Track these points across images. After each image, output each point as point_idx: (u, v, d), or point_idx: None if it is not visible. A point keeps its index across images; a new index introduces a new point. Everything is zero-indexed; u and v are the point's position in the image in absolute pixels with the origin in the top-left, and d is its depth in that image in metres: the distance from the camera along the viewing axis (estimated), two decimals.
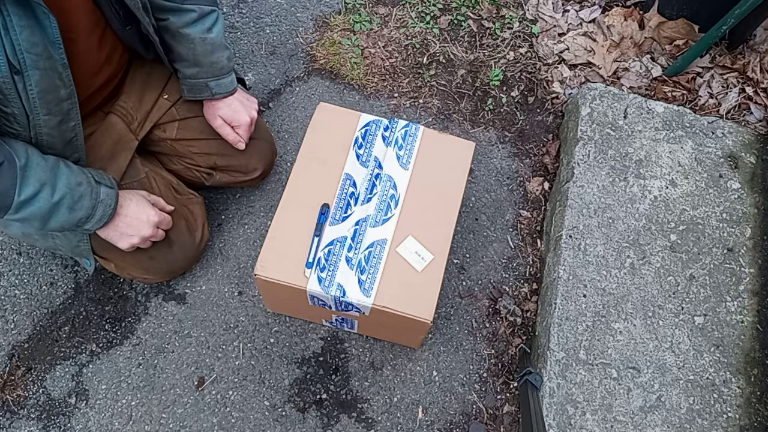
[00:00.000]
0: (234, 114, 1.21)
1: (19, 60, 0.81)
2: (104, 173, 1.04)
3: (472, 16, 1.72)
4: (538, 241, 1.44)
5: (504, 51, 1.67)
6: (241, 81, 1.28)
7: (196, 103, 1.23)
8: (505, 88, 1.62)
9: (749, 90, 1.58)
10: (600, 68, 1.63)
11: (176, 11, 1.08)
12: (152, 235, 1.10)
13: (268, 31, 1.66)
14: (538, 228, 1.46)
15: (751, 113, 1.56)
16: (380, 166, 1.18)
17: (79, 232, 1.07)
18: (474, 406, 1.26)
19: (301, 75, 1.60)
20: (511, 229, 1.45)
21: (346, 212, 1.13)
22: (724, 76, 1.60)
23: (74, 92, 0.94)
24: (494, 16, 1.72)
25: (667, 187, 1.37)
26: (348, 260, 1.09)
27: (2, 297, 1.29)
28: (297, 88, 1.58)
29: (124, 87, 1.17)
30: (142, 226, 1.07)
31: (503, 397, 1.27)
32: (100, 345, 1.26)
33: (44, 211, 0.93)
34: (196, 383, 1.24)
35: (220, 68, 1.16)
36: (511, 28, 1.71)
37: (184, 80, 1.17)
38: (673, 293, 1.26)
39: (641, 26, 1.66)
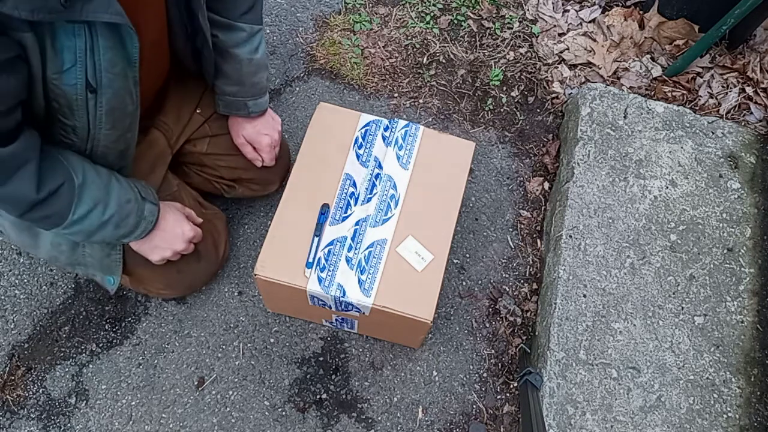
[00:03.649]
0: (256, 136, 1.20)
1: (97, 79, 0.80)
2: (147, 187, 1.02)
3: (472, 16, 1.72)
4: (538, 241, 1.44)
5: (504, 51, 1.67)
6: None
7: (228, 120, 1.22)
8: (505, 88, 1.62)
9: (749, 90, 1.58)
10: (600, 68, 1.63)
11: (228, 28, 1.06)
12: (185, 249, 1.08)
13: (268, 31, 1.66)
14: (538, 228, 1.46)
15: (751, 113, 1.56)
16: (380, 166, 1.18)
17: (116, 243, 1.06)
18: (474, 406, 1.26)
19: (301, 75, 1.60)
20: (511, 229, 1.45)
21: (346, 212, 1.13)
22: (724, 76, 1.60)
23: (138, 108, 0.93)
24: (494, 16, 1.72)
25: (667, 187, 1.37)
26: (348, 260, 1.09)
27: (2, 297, 1.29)
28: (297, 88, 1.58)
29: (165, 102, 1.16)
30: (176, 241, 1.06)
31: (503, 397, 1.27)
32: (100, 345, 1.26)
33: (93, 228, 0.92)
34: (196, 383, 1.24)
35: (260, 89, 1.16)
36: (511, 28, 1.71)
37: (221, 96, 1.16)
38: (673, 293, 1.26)
39: (641, 26, 1.66)
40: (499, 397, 1.27)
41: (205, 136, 1.21)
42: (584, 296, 1.25)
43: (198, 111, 1.20)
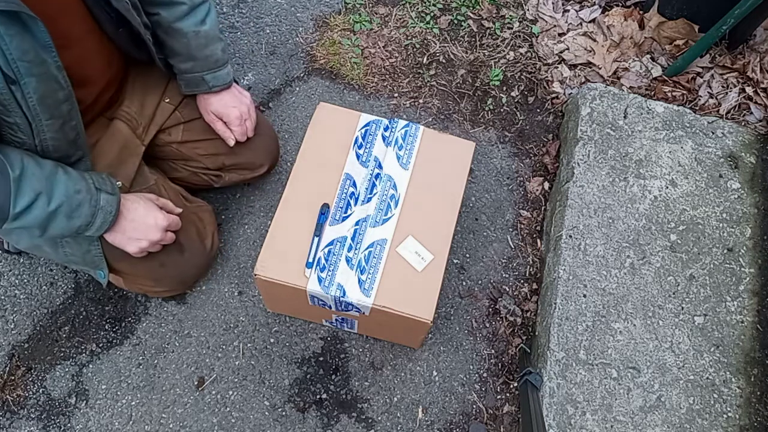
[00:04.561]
0: (224, 109, 1.20)
1: (13, 70, 0.80)
2: (108, 178, 1.01)
3: (472, 16, 1.72)
4: (538, 241, 1.44)
5: (504, 51, 1.67)
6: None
7: (196, 99, 1.22)
8: (505, 88, 1.62)
9: (749, 90, 1.58)
10: (600, 68, 1.63)
11: (167, 5, 1.07)
12: (161, 239, 1.08)
13: (268, 31, 1.66)
14: (538, 228, 1.46)
15: (751, 113, 1.56)
16: (380, 166, 1.18)
17: (82, 237, 1.06)
18: (474, 406, 1.26)
19: (301, 75, 1.60)
20: (511, 229, 1.45)
21: (346, 212, 1.13)
22: (724, 76, 1.60)
23: (72, 92, 0.93)
24: (494, 16, 1.72)
25: (667, 187, 1.37)
26: (348, 260, 1.09)
27: (2, 297, 1.29)
28: (297, 88, 1.58)
29: (125, 92, 1.16)
30: (149, 230, 1.05)
31: (503, 397, 1.27)
32: (100, 345, 1.26)
33: (41, 220, 0.91)
34: (196, 383, 1.24)
35: (215, 61, 1.15)
36: (511, 28, 1.71)
37: (180, 75, 1.16)
38: (673, 293, 1.26)
39: (641, 26, 1.66)
40: (499, 397, 1.27)
41: (177, 123, 1.21)
42: (584, 296, 1.25)
43: (166, 100, 1.20)
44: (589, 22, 1.71)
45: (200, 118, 1.23)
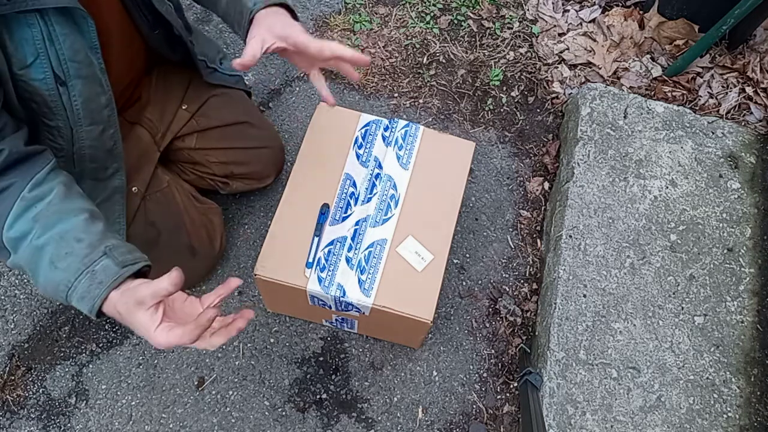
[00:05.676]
0: (290, 28, 0.90)
1: (63, 70, 0.79)
2: (135, 253, 0.78)
3: (472, 16, 1.72)
4: (538, 241, 1.44)
5: (504, 51, 1.67)
6: (247, 93, 1.29)
7: (215, 113, 1.21)
8: (505, 88, 1.62)
9: (749, 90, 1.58)
10: (600, 68, 1.63)
11: None
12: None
13: None
14: (538, 228, 1.46)
15: (751, 113, 1.56)
16: (380, 166, 1.18)
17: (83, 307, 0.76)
18: (474, 406, 1.26)
19: (301, 75, 1.60)
20: (511, 229, 1.45)
21: (346, 212, 1.13)
22: (724, 76, 1.60)
23: (112, 98, 0.91)
24: (494, 16, 1.72)
25: (667, 187, 1.37)
26: (348, 260, 1.09)
27: (2, 297, 1.29)
28: (297, 88, 1.58)
29: (150, 97, 1.15)
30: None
31: (503, 397, 1.27)
32: (100, 345, 1.26)
33: (29, 255, 0.74)
34: (196, 383, 1.24)
35: None
36: (511, 28, 1.71)
37: (229, 20, 0.97)
38: (673, 293, 1.26)
39: (641, 26, 1.66)
40: (499, 397, 1.27)
41: (192, 131, 1.21)
42: (584, 296, 1.25)
43: (184, 107, 1.19)
44: (589, 22, 1.71)
45: (215, 128, 1.21)
